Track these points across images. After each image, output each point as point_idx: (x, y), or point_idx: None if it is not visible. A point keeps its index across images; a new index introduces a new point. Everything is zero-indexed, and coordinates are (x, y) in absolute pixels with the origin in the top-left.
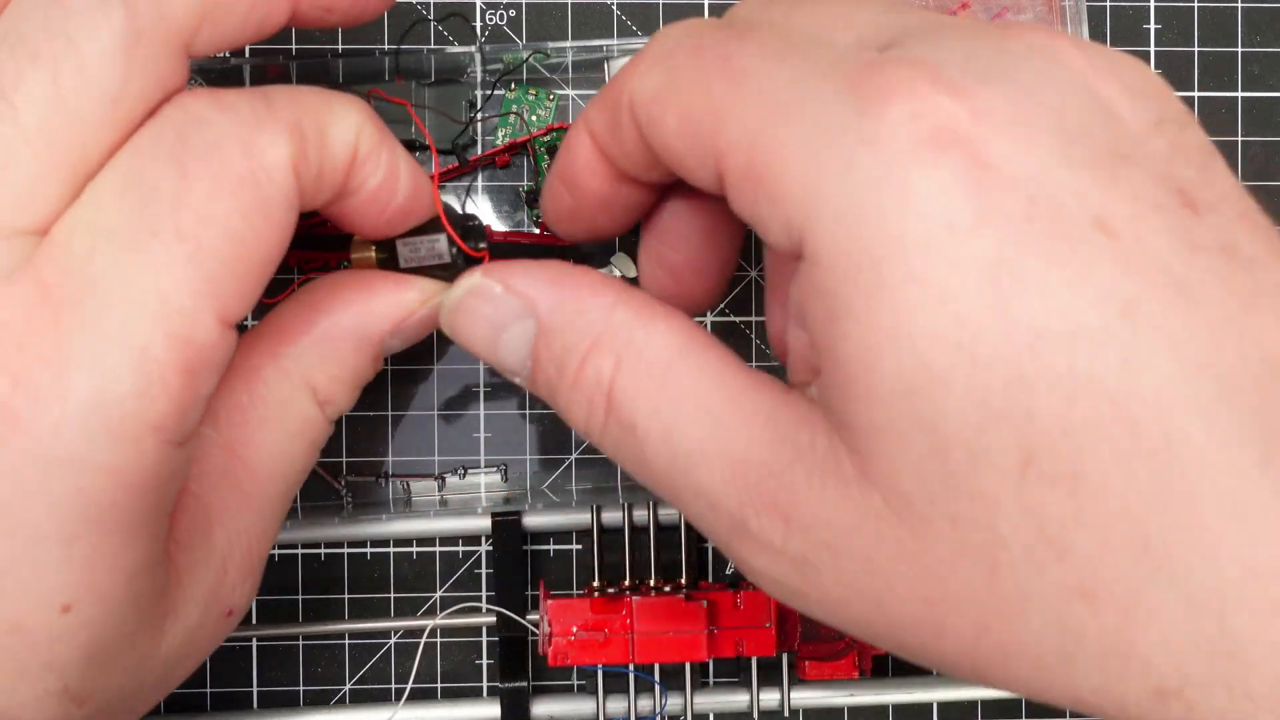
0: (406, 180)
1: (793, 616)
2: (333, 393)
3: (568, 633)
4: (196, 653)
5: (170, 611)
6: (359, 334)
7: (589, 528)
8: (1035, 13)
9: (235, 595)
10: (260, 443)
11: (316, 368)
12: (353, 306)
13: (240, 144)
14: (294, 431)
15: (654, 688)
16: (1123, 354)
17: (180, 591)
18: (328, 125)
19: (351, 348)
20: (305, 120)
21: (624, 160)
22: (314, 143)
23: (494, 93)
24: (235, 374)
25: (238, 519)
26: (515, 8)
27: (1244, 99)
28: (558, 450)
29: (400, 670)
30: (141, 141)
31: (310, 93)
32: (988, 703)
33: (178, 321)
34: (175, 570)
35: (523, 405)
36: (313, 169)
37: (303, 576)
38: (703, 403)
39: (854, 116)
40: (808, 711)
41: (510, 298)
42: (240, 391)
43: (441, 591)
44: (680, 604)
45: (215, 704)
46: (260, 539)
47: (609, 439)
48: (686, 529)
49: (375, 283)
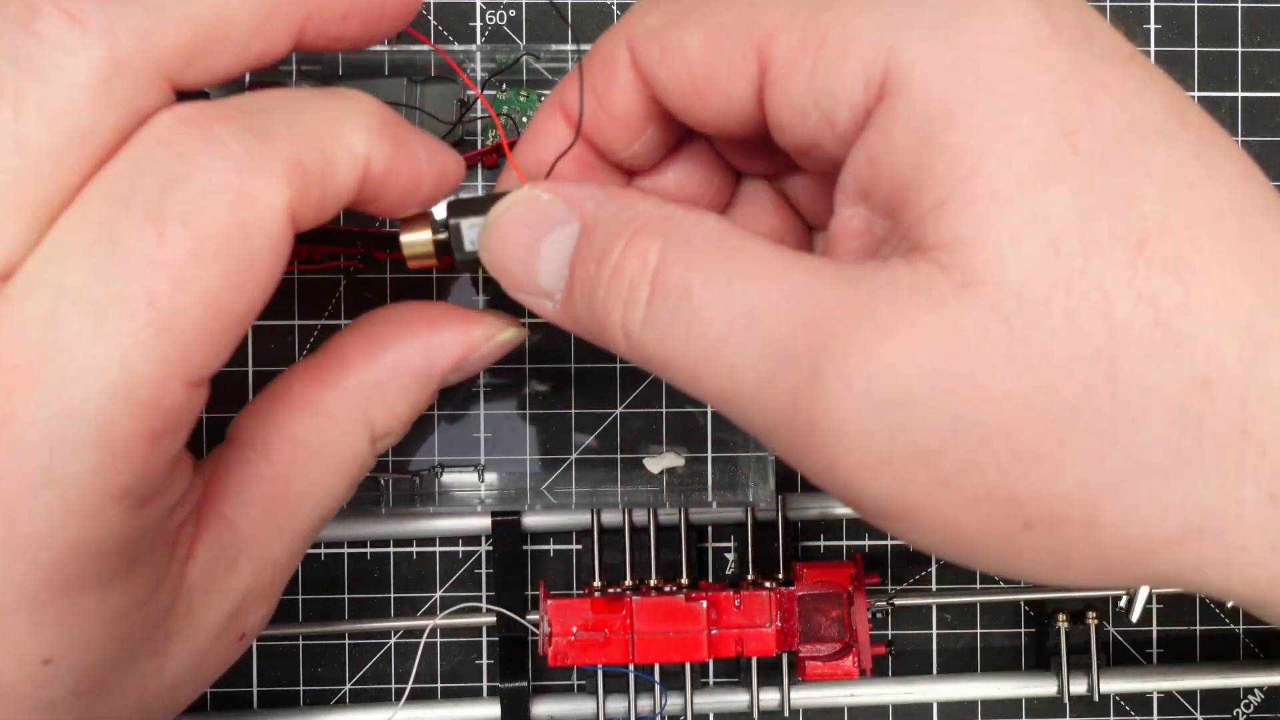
0: (430, 175)
1: (792, 616)
2: (389, 428)
3: (568, 633)
4: (205, 675)
5: (176, 636)
6: (423, 371)
7: (589, 528)
8: None
9: (251, 621)
10: (307, 477)
11: (376, 403)
12: (419, 341)
13: (230, 194)
14: (344, 470)
15: (654, 688)
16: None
17: (192, 616)
18: (334, 154)
19: (416, 384)
20: (308, 154)
21: (606, 132)
22: (317, 176)
23: (484, 92)
24: (292, 403)
25: (268, 550)
26: (515, 8)
27: (1244, 99)
28: (558, 450)
29: (400, 670)
30: (116, 186)
31: (315, 110)
32: (987, 702)
33: (144, 391)
34: (187, 593)
35: (523, 405)
36: (313, 204)
37: (303, 576)
38: (763, 260)
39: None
40: (808, 711)
41: (557, 202)
42: (296, 422)
43: (441, 591)
44: (680, 604)
45: (215, 704)
46: (285, 570)
47: (652, 326)
48: (687, 529)
49: (441, 318)
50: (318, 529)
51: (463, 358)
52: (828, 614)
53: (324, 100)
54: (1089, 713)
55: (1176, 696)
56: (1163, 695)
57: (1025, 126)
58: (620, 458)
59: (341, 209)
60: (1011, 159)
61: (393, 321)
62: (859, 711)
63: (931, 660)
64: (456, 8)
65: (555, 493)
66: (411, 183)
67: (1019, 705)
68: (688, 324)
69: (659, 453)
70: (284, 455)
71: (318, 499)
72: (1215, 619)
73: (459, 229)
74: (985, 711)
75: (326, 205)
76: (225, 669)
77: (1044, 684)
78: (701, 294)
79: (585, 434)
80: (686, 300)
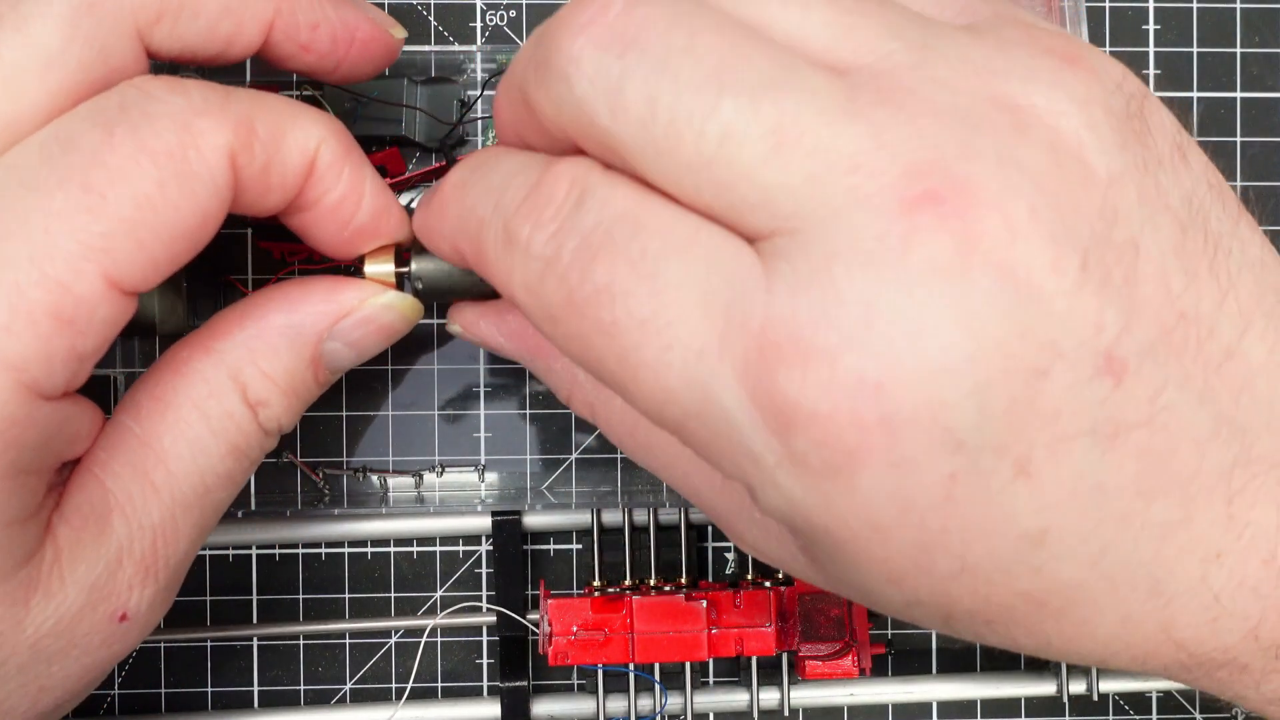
0: (371, 200)
1: (792, 616)
2: (264, 393)
3: (568, 632)
4: (83, 650)
5: (39, 586)
6: (292, 330)
7: (589, 528)
8: (1034, 14)
9: (130, 596)
10: (177, 435)
11: (245, 361)
12: (286, 303)
13: (179, 122)
14: (216, 428)
15: (654, 687)
16: None
17: (57, 569)
18: (287, 129)
19: (285, 344)
20: (261, 119)
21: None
22: (264, 141)
23: (483, 93)
24: (163, 367)
25: (144, 512)
26: (515, 8)
27: (1243, 99)
28: (558, 450)
29: (400, 670)
30: (81, 107)
31: (279, 100)
32: (987, 702)
33: (60, 266)
34: (54, 544)
35: (523, 405)
36: (257, 164)
37: (303, 576)
38: (669, 463)
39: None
40: (808, 711)
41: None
42: (165, 384)
43: (442, 591)
44: (680, 604)
45: (215, 704)
46: (169, 541)
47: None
48: (687, 529)
49: (311, 281)
50: (203, 498)
51: (335, 319)
52: (827, 613)
53: (292, 101)
54: (1088, 712)
55: (1176, 696)
56: (1162, 695)
57: None
58: (620, 458)
59: (286, 196)
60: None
61: (266, 292)
62: (859, 711)
63: (931, 660)
64: (456, 8)
65: (555, 492)
66: (354, 200)
67: (1018, 705)
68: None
69: None
70: (151, 414)
71: (191, 458)
72: None
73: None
74: (985, 711)
75: (272, 176)
76: (113, 657)
77: (1043, 683)
78: (640, 457)
79: (585, 434)
80: (640, 456)
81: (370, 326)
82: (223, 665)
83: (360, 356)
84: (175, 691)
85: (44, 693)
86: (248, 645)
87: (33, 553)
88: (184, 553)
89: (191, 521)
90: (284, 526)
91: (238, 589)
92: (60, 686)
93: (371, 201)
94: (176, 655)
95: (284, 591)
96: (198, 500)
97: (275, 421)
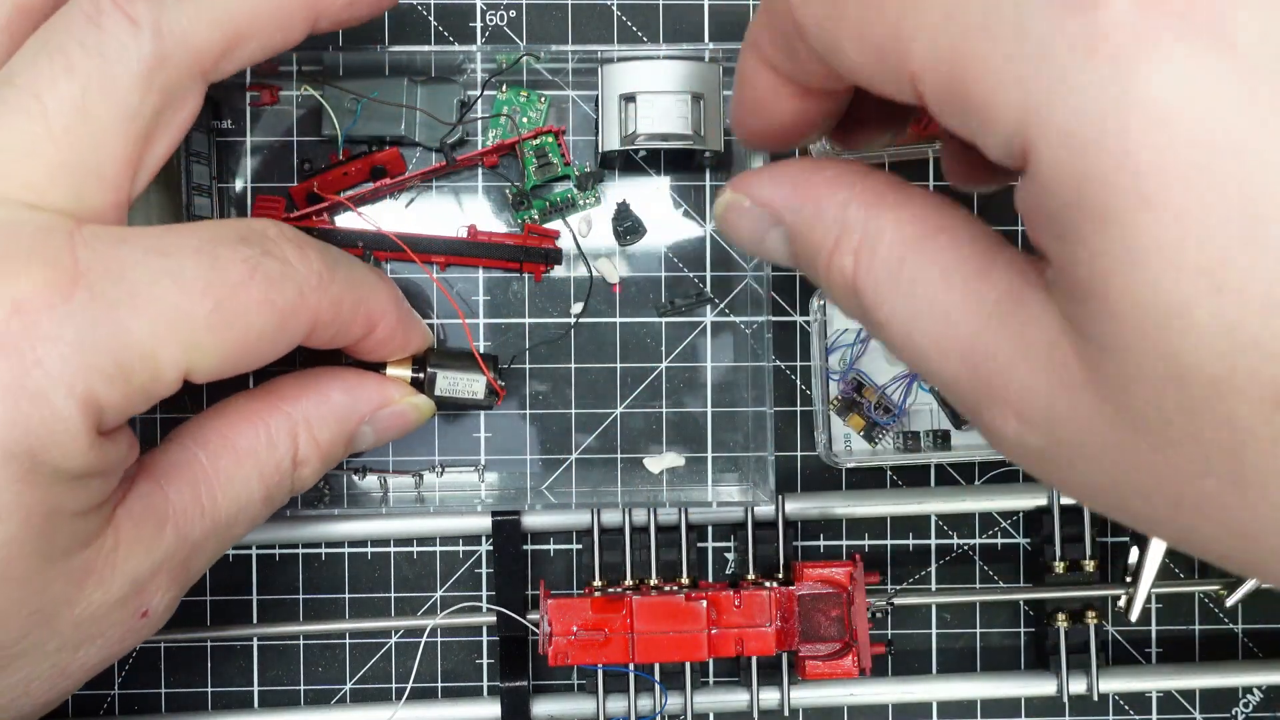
0: (406, 338)
1: (792, 616)
2: (308, 454)
3: (568, 632)
4: (105, 641)
5: (94, 572)
6: (345, 408)
7: (589, 528)
8: None
9: (156, 598)
10: (233, 472)
11: (303, 426)
12: (344, 384)
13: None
14: (265, 474)
15: (654, 687)
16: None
17: (115, 558)
18: (360, 306)
19: (335, 418)
20: (347, 300)
21: (807, 79)
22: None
23: (484, 93)
24: (233, 411)
25: (191, 527)
26: (515, 8)
27: None
28: (558, 450)
29: (401, 670)
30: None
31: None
32: (987, 702)
33: (154, 345)
34: (116, 533)
35: (523, 405)
36: (329, 332)
37: (303, 576)
38: (933, 298)
39: (1063, 16)
40: (807, 711)
41: (759, 210)
42: (235, 427)
43: (442, 591)
44: (680, 604)
45: (215, 703)
46: (199, 558)
47: (867, 323)
48: (687, 529)
49: (366, 375)
50: (234, 529)
51: (378, 408)
52: (827, 614)
53: (369, 276)
54: (1088, 712)
55: (1175, 696)
56: (1162, 694)
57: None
58: (620, 458)
59: (343, 344)
60: (1138, 294)
61: (330, 370)
62: (858, 711)
63: (931, 660)
64: (456, 8)
65: (555, 493)
66: (397, 345)
67: (1018, 705)
68: (887, 340)
69: (659, 453)
70: (218, 450)
71: (238, 493)
72: (1214, 618)
73: (434, 377)
74: (985, 711)
75: (336, 339)
76: (123, 651)
77: (1043, 683)
78: (887, 324)
79: (585, 434)
80: (879, 328)
81: (399, 419)
82: (223, 665)
83: (377, 443)
84: (175, 691)
85: (62, 678)
86: (248, 645)
87: (95, 537)
88: (201, 570)
89: (215, 546)
90: (284, 526)
91: (238, 589)
92: (76, 674)
93: (406, 339)
94: (176, 655)
95: (284, 591)
96: (227, 530)
97: (304, 481)
